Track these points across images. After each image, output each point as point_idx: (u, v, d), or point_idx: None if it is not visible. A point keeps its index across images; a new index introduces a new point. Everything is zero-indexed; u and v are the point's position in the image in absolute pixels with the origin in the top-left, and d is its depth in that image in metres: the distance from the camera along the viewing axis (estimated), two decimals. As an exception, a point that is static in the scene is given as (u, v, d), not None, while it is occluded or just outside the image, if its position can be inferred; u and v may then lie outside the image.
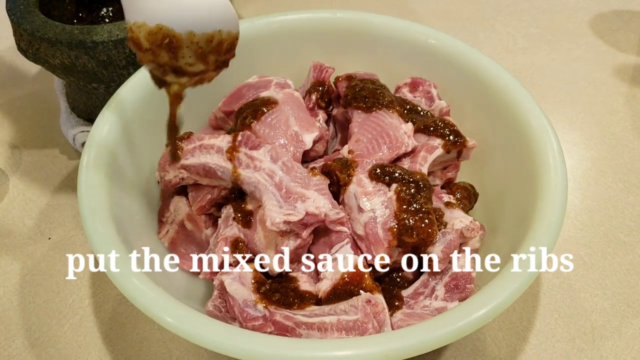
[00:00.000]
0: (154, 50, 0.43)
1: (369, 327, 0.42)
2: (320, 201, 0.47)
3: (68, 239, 0.62)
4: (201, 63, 0.45)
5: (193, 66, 0.44)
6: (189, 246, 0.55)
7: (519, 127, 0.54)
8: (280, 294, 0.46)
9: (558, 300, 0.58)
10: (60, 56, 0.59)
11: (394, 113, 0.55)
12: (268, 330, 0.43)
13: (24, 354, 0.53)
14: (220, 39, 0.44)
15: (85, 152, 0.50)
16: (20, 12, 0.60)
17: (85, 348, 0.54)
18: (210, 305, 0.48)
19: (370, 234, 0.48)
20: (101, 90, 0.65)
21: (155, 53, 0.43)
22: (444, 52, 0.62)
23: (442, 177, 0.58)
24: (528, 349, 0.54)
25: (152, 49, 0.43)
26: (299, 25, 0.64)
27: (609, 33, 0.92)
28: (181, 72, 0.45)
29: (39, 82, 0.82)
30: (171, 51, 0.43)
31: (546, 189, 0.48)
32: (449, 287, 0.49)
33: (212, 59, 0.45)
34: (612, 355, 0.54)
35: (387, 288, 0.50)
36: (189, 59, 0.44)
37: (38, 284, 0.58)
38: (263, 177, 0.49)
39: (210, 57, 0.45)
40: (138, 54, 0.44)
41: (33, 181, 0.68)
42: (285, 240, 0.48)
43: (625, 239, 0.63)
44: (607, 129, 0.76)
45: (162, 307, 0.40)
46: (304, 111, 0.57)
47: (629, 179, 0.70)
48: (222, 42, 0.45)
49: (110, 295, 0.57)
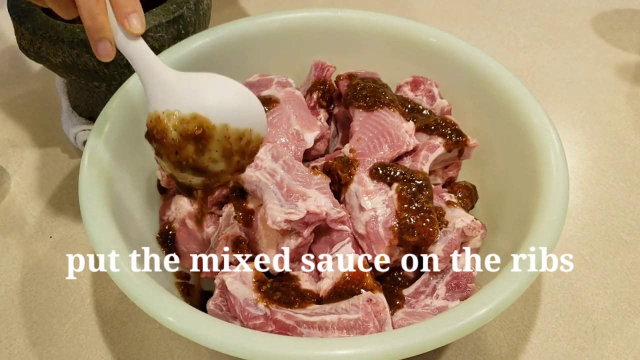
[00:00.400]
0: (180, 142, 0.40)
1: (370, 326, 0.42)
2: (321, 200, 0.47)
3: (69, 237, 0.62)
4: (224, 162, 0.42)
5: (216, 164, 0.41)
6: (190, 244, 0.55)
7: (520, 126, 0.54)
8: (281, 293, 0.46)
9: (559, 300, 0.58)
10: (62, 55, 0.59)
11: (395, 112, 0.55)
12: (269, 329, 0.43)
13: (25, 352, 0.53)
14: (249, 139, 0.42)
15: (87, 151, 0.50)
16: (21, 11, 0.61)
17: (86, 347, 0.54)
18: (211, 304, 0.48)
19: (372, 232, 0.48)
20: (102, 89, 0.65)
21: (181, 146, 0.40)
22: (445, 51, 0.62)
23: (444, 176, 0.58)
24: (529, 348, 0.54)
25: (179, 140, 0.40)
26: (300, 24, 0.64)
27: (610, 32, 0.92)
28: (200, 171, 0.41)
29: (40, 81, 0.82)
30: (200, 143, 0.40)
31: (547, 188, 0.48)
32: (450, 286, 0.49)
33: (235, 159, 0.42)
34: (613, 355, 0.54)
35: (388, 287, 0.50)
36: (215, 154, 0.41)
37: (39, 282, 0.58)
38: (264, 175, 0.49)
39: (234, 158, 0.42)
40: (158, 147, 0.41)
41: (34, 180, 0.68)
42: (286, 239, 0.48)
43: (626, 238, 0.63)
44: (609, 127, 0.76)
45: (163, 306, 0.40)
46: (305, 110, 0.57)
47: (631, 178, 0.69)
48: (249, 143, 0.42)
49: (111, 293, 0.57)
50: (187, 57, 0.59)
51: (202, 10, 0.65)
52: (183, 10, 0.62)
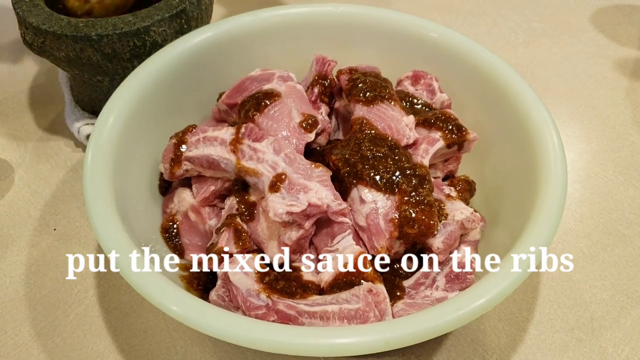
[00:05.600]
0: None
1: (370, 316, 0.43)
2: (322, 192, 0.48)
3: (73, 230, 0.63)
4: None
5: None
6: (193, 237, 0.56)
7: (520, 120, 0.54)
8: (283, 284, 0.47)
9: (557, 292, 0.58)
10: (65, 49, 0.59)
11: (395, 105, 0.55)
12: (271, 319, 0.44)
13: (30, 342, 0.54)
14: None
15: (90, 145, 0.51)
16: (25, 6, 0.61)
17: (90, 337, 0.54)
18: (213, 295, 0.48)
19: (372, 225, 0.48)
20: (105, 83, 0.66)
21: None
22: (446, 46, 0.62)
23: (443, 169, 0.59)
24: (527, 339, 0.55)
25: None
26: (302, 19, 0.65)
27: (610, 27, 0.92)
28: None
29: (43, 75, 0.82)
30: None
31: (546, 182, 0.48)
32: (450, 277, 0.50)
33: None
34: (610, 346, 0.54)
35: (388, 278, 0.50)
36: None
37: (43, 274, 0.59)
38: (266, 168, 0.49)
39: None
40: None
41: (38, 173, 0.69)
42: (287, 231, 0.48)
43: (624, 232, 0.64)
44: (608, 122, 0.77)
45: (168, 296, 0.41)
46: (307, 104, 0.57)
47: (629, 172, 0.70)
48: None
49: (114, 284, 0.58)
50: (189, 52, 0.60)
51: (204, 5, 0.65)
52: (185, 4, 0.62)
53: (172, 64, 0.59)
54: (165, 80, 0.58)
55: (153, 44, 0.61)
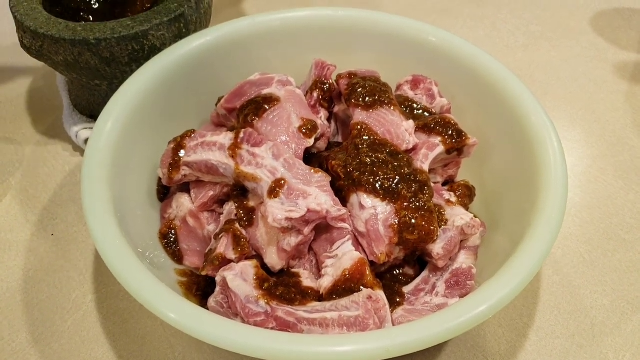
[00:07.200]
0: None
1: (370, 323, 0.43)
2: (321, 198, 0.48)
3: (71, 235, 0.63)
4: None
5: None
6: (192, 243, 0.55)
7: (519, 124, 0.54)
8: (282, 290, 0.46)
9: (558, 297, 0.58)
10: (64, 53, 0.59)
11: (395, 110, 0.55)
12: (270, 326, 0.44)
13: (27, 349, 0.54)
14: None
15: (88, 149, 0.50)
16: (23, 9, 0.61)
17: (88, 344, 0.54)
18: (212, 301, 0.48)
19: (372, 230, 0.48)
20: (104, 87, 0.65)
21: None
22: (445, 50, 0.62)
23: (443, 174, 0.58)
24: (528, 345, 0.54)
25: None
26: (301, 23, 0.65)
27: (609, 30, 0.92)
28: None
29: (41, 79, 0.82)
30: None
31: (546, 186, 0.48)
32: (450, 283, 0.50)
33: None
34: (611, 352, 0.54)
35: (388, 284, 0.50)
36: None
37: (41, 279, 0.59)
38: (265, 174, 0.49)
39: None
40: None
41: (36, 178, 0.69)
42: (287, 237, 0.48)
43: (625, 237, 0.63)
44: (608, 126, 0.76)
45: (165, 303, 0.41)
46: (306, 108, 0.57)
47: (629, 177, 0.70)
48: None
49: (113, 291, 0.58)
50: (188, 56, 0.60)
51: (203, 9, 0.65)
52: (184, 8, 0.62)
53: (171, 68, 0.59)
54: (163, 85, 0.58)
55: (152, 48, 0.61)
